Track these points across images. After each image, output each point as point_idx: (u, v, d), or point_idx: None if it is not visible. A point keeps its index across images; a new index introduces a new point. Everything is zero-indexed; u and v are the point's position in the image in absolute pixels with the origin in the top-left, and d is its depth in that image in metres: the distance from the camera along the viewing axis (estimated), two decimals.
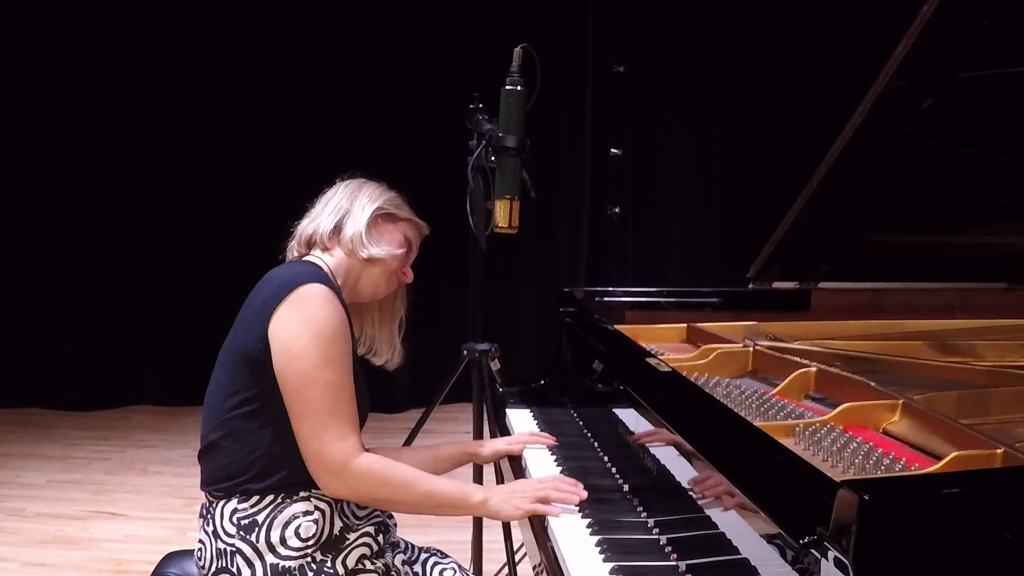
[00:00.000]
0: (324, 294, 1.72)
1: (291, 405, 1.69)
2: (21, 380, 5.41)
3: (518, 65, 2.22)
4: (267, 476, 1.71)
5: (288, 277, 1.75)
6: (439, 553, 1.94)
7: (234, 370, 1.75)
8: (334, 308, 1.72)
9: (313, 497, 1.73)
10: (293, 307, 1.70)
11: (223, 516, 1.72)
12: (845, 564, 0.98)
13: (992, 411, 1.67)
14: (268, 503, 1.71)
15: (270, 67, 5.26)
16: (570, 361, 2.49)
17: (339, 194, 1.92)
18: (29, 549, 3.52)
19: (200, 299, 5.25)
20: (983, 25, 1.78)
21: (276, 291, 1.73)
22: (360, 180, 1.96)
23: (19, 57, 5.20)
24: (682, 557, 1.49)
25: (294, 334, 1.69)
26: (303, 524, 1.71)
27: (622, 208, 5.44)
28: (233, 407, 1.73)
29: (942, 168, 2.17)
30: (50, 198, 5.36)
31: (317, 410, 1.68)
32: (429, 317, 5.51)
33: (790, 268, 2.44)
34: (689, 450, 1.53)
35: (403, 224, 1.95)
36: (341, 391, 1.71)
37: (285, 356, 1.69)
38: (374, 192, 1.93)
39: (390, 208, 1.93)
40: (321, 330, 1.69)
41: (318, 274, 1.78)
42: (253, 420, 1.72)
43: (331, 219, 1.89)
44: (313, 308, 1.70)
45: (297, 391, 1.68)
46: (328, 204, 1.92)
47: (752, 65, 5.52)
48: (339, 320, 1.73)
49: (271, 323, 1.70)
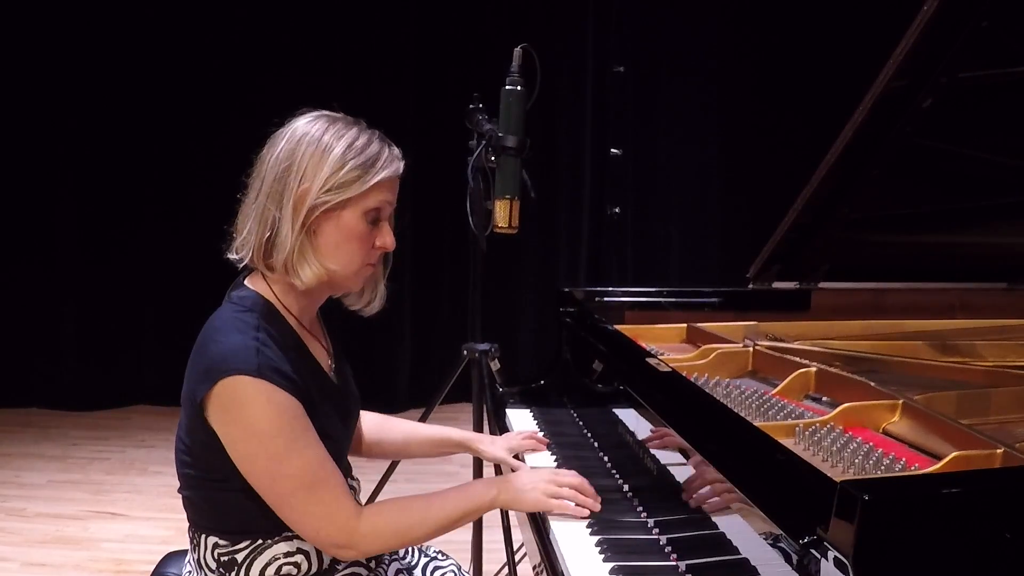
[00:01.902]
0: (249, 390, 1.48)
1: (266, 499, 1.55)
2: (21, 380, 5.41)
3: (518, 65, 2.23)
4: (244, 526, 1.61)
5: (215, 361, 1.51)
6: (439, 555, 1.93)
7: (188, 437, 1.59)
8: (266, 400, 1.49)
9: (296, 539, 1.61)
10: (223, 407, 1.50)
11: (206, 548, 1.64)
12: (845, 564, 0.98)
13: (992, 411, 1.67)
14: (247, 544, 1.61)
15: (270, 68, 5.25)
16: (570, 361, 2.49)
17: (267, 183, 1.57)
18: (29, 549, 3.52)
19: (200, 299, 5.19)
20: (983, 25, 1.78)
21: (203, 378, 1.52)
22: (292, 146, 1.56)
23: (20, 59, 5.19)
24: (682, 557, 1.49)
25: (234, 437, 1.52)
26: (283, 566, 1.61)
27: (622, 208, 5.43)
28: (193, 472, 1.61)
29: (942, 168, 2.17)
30: (50, 199, 5.35)
31: (293, 502, 1.53)
32: (429, 317, 5.52)
33: (790, 268, 2.44)
34: (690, 452, 1.53)
35: (358, 200, 1.57)
36: (308, 473, 1.52)
37: (235, 456, 1.53)
38: (309, 172, 1.54)
39: (333, 197, 1.54)
40: (259, 428, 1.49)
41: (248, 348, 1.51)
42: (214, 486, 1.59)
43: (259, 234, 1.57)
44: (242, 409, 1.49)
45: (264, 488, 1.53)
46: (257, 202, 1.58)
47: (752, 65, 5.52)
48: (275, 410, 1.50)
49: (206, 414, 1.53)
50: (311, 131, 1.58)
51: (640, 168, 5.61)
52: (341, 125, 1.60)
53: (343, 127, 1.60)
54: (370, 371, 5.31)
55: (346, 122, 1.62)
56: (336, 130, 1.59)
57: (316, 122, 1.60)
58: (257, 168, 1.62)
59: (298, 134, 1.58)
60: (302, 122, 1.61)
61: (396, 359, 5.45)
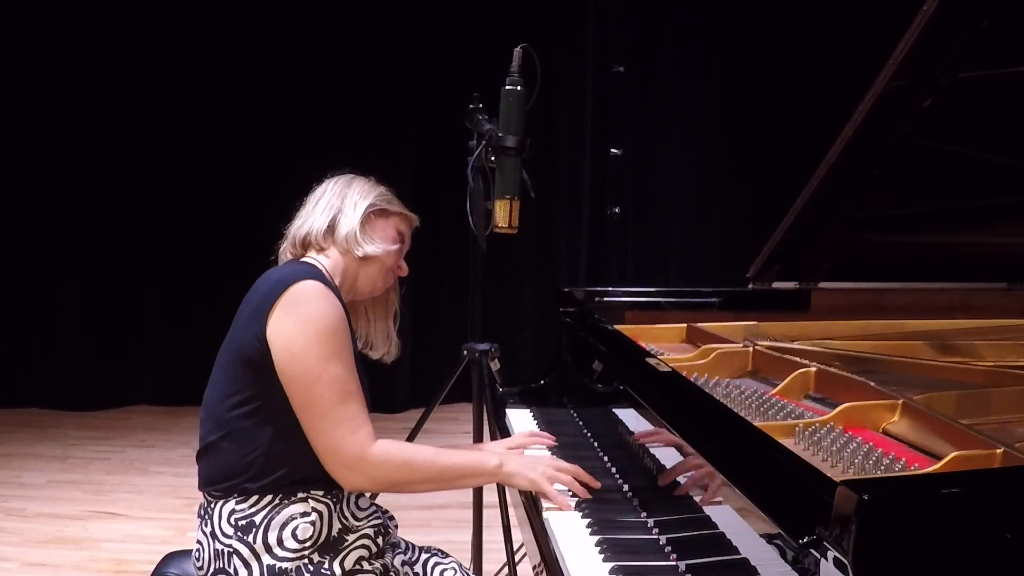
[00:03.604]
0: (319, 290, 1.72)
1: (299, 404, 1.69)
2: (21, 380, 5.41)
3: (518, 65, 2.22)
4: (265, 476, 1.71)
5: (281, 276, 1.75)
6: (439, 553, 1.94)
7: (232, 371, 1.75)
8: (330, 303, 1.73)
9: (311, 499, 1.72)
10: (288, 306, 1.70)
11: (221, 516, 1.72)
12: (845, 564, 0.98)
13: (992, 411, 1.67)
14: (266, 504, 1.71)
15: (270, 68, 5.26)
16: (570, 361, 2.49)
17: (329, 192, 1.92)
18: (29, 549, 3.52)
19: (200, 299, 5.25)
20: (983, 25, 1.78)
21: (271, 291, 1.73)
22: (348, 176, 1.96)
23: (20, 58, 5.20)
24: (682, 557, 1.49)
25: (292, 333, 1.68)
26: (300, 525, 1.70)
27: (622, 208, 5.43)
28: (232, 407, 1.73)
29: (942, 168, 2.17)
30: (50, 198, 5.36)
31: (326, 407, 1.68)
32: (429, 317, 5.52)
33: (790, 268, 2.44)
34: (688, 450, 1.53)
35: (395, 218, 1.96)
36: (348, 384, 1.71)
37: (286, 356, 1.68)
38: (364, 188, 1.93)
39: (381, 204, 1.93)
40: (320, 326, 1.69)
41: (313, 273, 1.77)
42: (252, 419, 1.72)
43: (324, 218, 1.88)
44: (309, 305, 1.70)
45: (303, 390, 1.68)
46: (319, 203, 1.91)
47: (752, 65, 5.52)
48: (336, 315, 1.73)
49: (268, 324, 1.69)
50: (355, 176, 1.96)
51: (640, 168, 5.61)
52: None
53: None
54: (370, 371, 5.29)
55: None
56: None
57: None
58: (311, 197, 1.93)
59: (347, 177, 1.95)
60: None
61: (396, 359, 5.43)
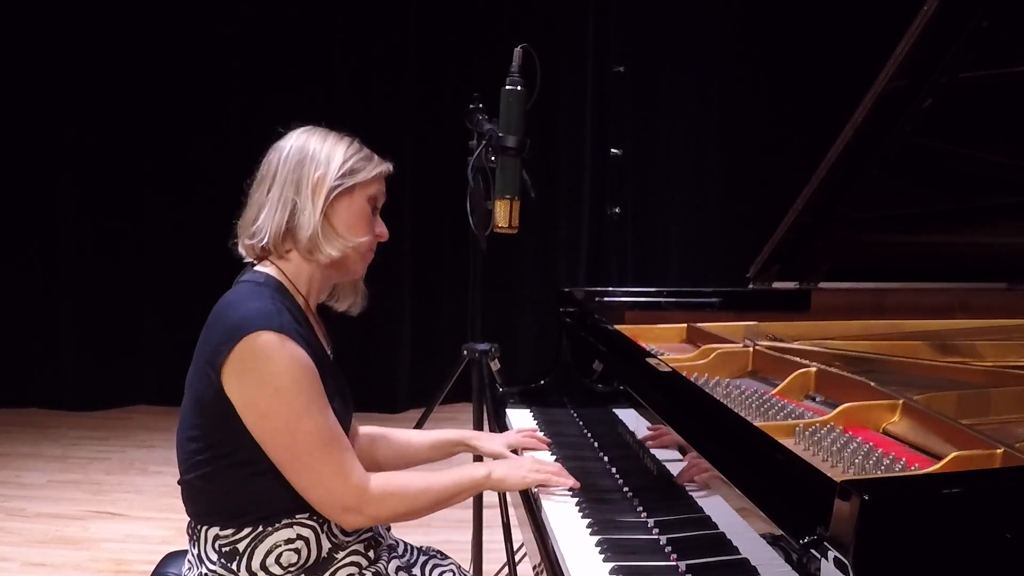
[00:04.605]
0: (275, 344, 1.56)
1: (279, 461, 1.60)
2: (21, 380, 5.41)
3: (518, 65, 2.23)
4: (245, 512, 1.64)
5: (235, 322, 1.58)
6: (439, 555, 1.93)
7: (194, 415, 1.65)
8: (289, 355, 1.57)
9: (296, 524, 1.65)
10: (245, 364, 1.56)
11: (206, 540, 1.66)
12: (845, 564, 0.98)
13: (992, 411, 1.67)
14: (248, 532, 1.64)
15: (270, 68, 5.26)
16: (570, 361, 2.49)
17: (280, 176, 1.69)
18: (29, 549, 3.52)
19: (200, 299, 5.17)
20: (983, 25, 1.78)
21: (224, 339, 1.58)
22: (300, 145, 1.71)
23: (20, 58, 5.20)
24: (682, 557, 1.49)
25: (255, 395, 1.57)
26: (284, 553, 1.64)
27: (622, 208, 5.43)
28: (197, 451, 1.65)
29: (942, 168, 2.17)
30: (51, 198, 5.36)
31: (308, 461, 1.59)
32: (429, 317, 5.52)
33: (790, 268, 2.44)
34: (687, 449, 1.53)
35: (363, 186, 1.73)
36: (326, 431, 1.60)
37: (254, 416, 1.58)
38: (322, 161, 1.69)
39: (345, 180, 1.70)
40: (282, 384, 1.56)
41: (269, 310, 1.59)
42: (221, 462, 1.63)
43: (278, 219, 1.68)
44: (268, 364, 1.56)
45: (280, 448, 1.59)
46: (271, 194, 1.69)
47: (752, 65, 5.52)
48: (299, 366, 1.58)
49: (223, 379, 1.57)
50: (315, 133, 1.76)
51: (640, 168, 5.60)
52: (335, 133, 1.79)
53: (338, 134, 1.78)
54: (370, 371, 5.30)
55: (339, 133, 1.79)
56: (335, 135, 1.78)
57: (316, 129, 1.77)
58: (264, 167, 1.74)
59: (302, 138, 1.74)
60: (297, 132, 1.77)
61: (396, 359, 5.45)
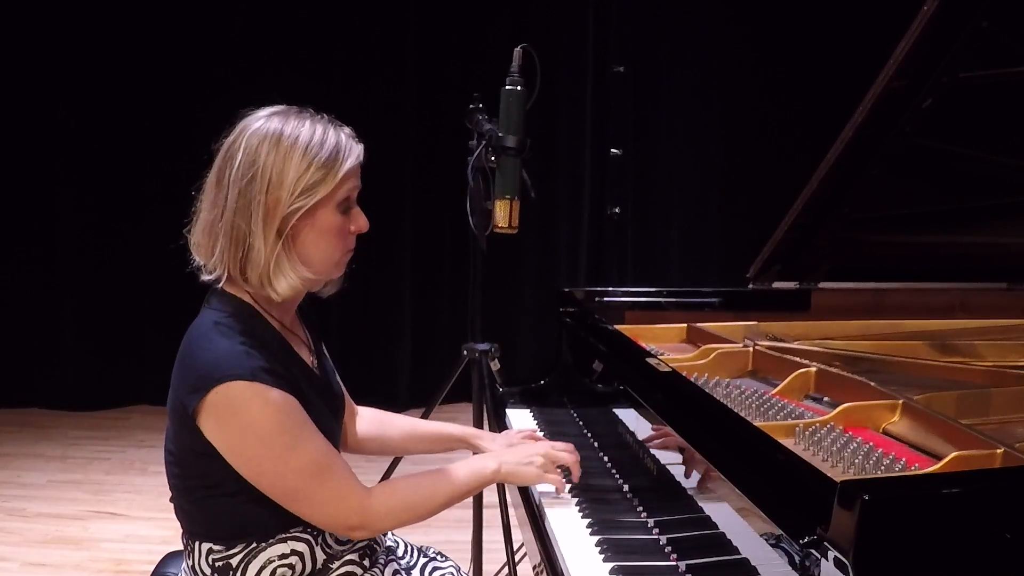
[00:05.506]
0: (247, 395, 1.48)
1: (274, 497, 1.55)
2: (21, 380, 5.40)
3: (518, 65, 2.22)
4: (239, 532, 1.61)
5: (205, 368, 1.50)
6: (438, 556, 1.93)
7: (178, 449, 1.59)
8: (263, 402, 1.49)
9: (291, 539, 1.62)
10: (221, 415, 1.49)
11: (200, 554, 1.64)
12: (845, 564, 0.98)
13: (992, 411, 1.67)
14: (241, 548, 1.61)
15: (270, 68, 5.25)
16: (570, 361, 2.49)
17: (231, 197, 1.53)
18: (29, 549, 3.52)
19: (200, 299, 5.24)
20: (983, 25, 1.78)
21: (195, 386, 1.50)
22: (251, 154, 1.52)
23: (19, 57, 5.19)
24: (682, 557, 1.49)
25: (236, 443, 1.51)
26: (278, 569, 1.61)
27: (622, 208, 5.43)
28: (184, 478, 1.61)
29: (942, 168, 2.17)
30: (50, 198, 5.35)
31: (305, 493, 1.54)
32: (429, 317, 5.52)
33: (790, 268, 2.43)
34: (688, 450, 1.53)
35: (330, 197, 1.56)
36: (319, 459, 1.55)
37: (239, 460, 1.52)
38: (275, 183, 1.51)
39: (306, 202, 1.52)
40: (263, 431, 1.50)
41: (238, 353, 1.51)
42: (210, 492, 1.59)
43: (231, 254, 1.55)
44: (244, 414, 1.49)
45: (272, 485, 1.54)
46: (224, 221, 1.55)
47: (752, 65, 5.52)
48: (278, 409, 1.50)
49: (201, 425, 1.51)
50: (267, 135, 1.54)
51: (640, 168, 5.60)
52: (294, 121, 1.56)
53: (296, 123, 1.56)
54: (370, 371, 5.31)
55: (298, 115, 1.58)
56: (291, 128, 1.55)
57: (268, 122, 1.56)
58: (215, 180, 1.58)
59: (254, 141, 1.54)
60: (253, 126, 1.57)
61: (396, 359, 5.45)
